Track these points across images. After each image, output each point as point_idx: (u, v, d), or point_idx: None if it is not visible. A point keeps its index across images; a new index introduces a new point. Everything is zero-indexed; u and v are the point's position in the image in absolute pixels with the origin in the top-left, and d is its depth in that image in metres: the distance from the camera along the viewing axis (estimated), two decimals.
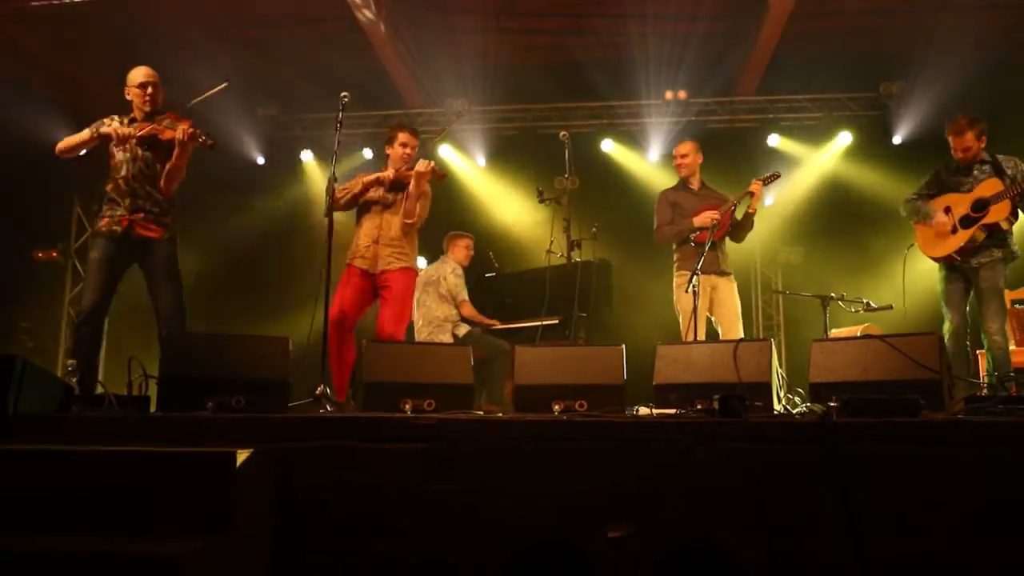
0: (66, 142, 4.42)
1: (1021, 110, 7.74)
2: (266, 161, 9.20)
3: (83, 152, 4.46)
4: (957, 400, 3.20)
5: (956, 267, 4.73)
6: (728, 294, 5.08)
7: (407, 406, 3.40)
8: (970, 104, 7.26)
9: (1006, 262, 4.61)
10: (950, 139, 4.79)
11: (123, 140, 4.36)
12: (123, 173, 4.37)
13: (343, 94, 4.36)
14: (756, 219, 5.26)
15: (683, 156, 5.46)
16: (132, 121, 4.46)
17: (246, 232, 8.56)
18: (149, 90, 4.43)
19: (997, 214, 4.52)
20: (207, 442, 2.71)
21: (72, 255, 8.42)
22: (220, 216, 8.27)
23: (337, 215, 4.47)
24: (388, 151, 5.02)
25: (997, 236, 4.59)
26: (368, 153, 8.93)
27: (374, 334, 4.80)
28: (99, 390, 3.57)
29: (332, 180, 4.21)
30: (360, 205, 4.91)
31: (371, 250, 4.77)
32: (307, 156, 9.15)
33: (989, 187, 4.60)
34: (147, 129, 4.36)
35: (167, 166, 4.40)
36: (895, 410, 2.63)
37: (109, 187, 4.41)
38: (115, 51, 8.27)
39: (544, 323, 5.83)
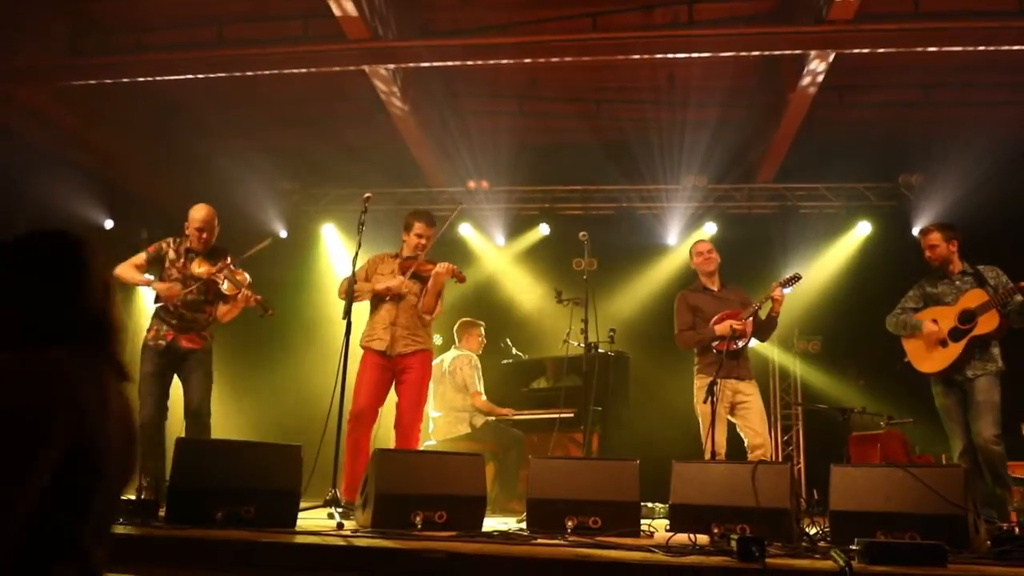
0: (131, 278, 4.75)
1: None
2: (288, 234, 9.31)
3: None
4: (983, 538, 3.10)
5: (951, 381, 4.65)
6: (751, 398, 4.96)
7: (418, 519, 3.36)
8: (987, 199, 7.32)
9: (999, 376, 4.53)
10: (920, 241, 4.90)
11: (188, 286, 4.73)
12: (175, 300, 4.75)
13: (366, 195, 4.42)
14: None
15: (709, 252, 5.33)
16: (188, 251, 4.82)
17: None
18: (204, 235, 4.79)
19: (986, 325, 4.49)
20: (211, 564, 2.68)
21: None
22: None
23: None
24: (404, 236, 5.02)
25: (988, 348, 4.55)
26: None
27: (394, 421, 4.78)
28: None
29: (352, 282, 4.23)
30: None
31: (388, 332, 4.76)
32: (329, 230, 9.26)
33: (974, 298, 4.58)
34: (208, 278, 4.72)
35: (224, 315, 4.89)
36: (921, 557, 2.54)
37: (159, 305, 4.77)
38: (148, 127, 8.55)
39: (560, 415, 5.78)
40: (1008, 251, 5.43)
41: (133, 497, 3.49)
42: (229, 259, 4.80)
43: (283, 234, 9.29)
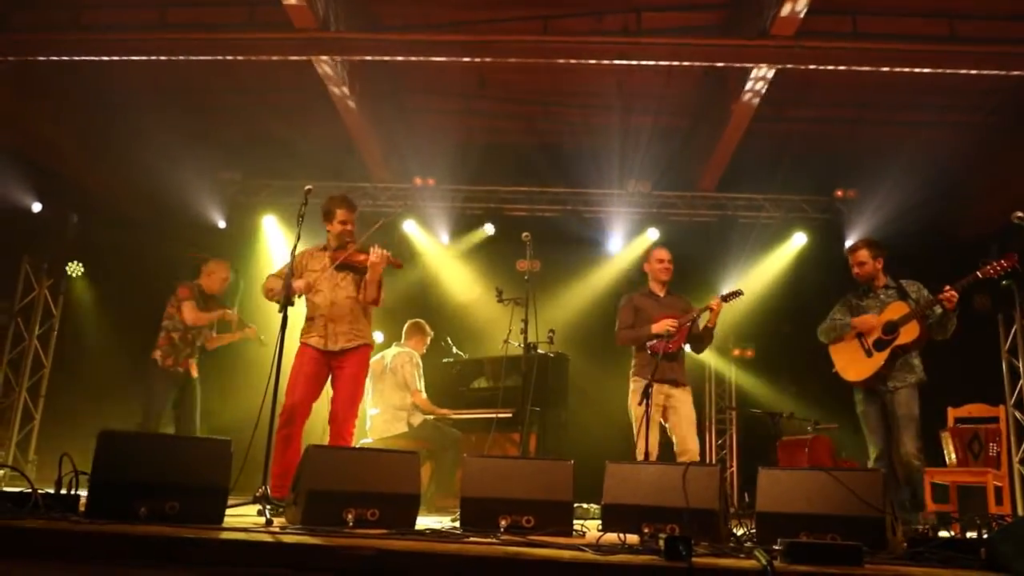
0: (201, 319, 5.87)
1: (966, 224, 8.08)
2: (227, 225, 9.11)
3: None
4: (899, 540, 3.21)
5: (872, 390, 4.83)
6: (682, 404, 5.06)
7: (350, 516, 3.31)
8: (915, 215, 7.62)
9: (918, 387, 4.72)
10: (848, 258, 5.05)
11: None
12: (192, 331, 5.83)
13: (307, 187, 4.34)
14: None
15: (669, 261, 5.41)
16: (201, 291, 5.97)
17: None
18: (226, 285, 6.13)
19: (907, 335, 4.67)
20: (135, 561, 2.60)
21: (15, 315, 8.11)
22: (177, 276, 8.10)
23: None
24: (327, 227, 4.87)
25: (909, 359, 4.73)
26: None
27: (329, 415, 4.70)
28: (27, 488, 3.40)
29: (289, 276, 4.16)
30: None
31: (327, 328, 4.69)
32: (269, 222, 9.08)
33: (896, 310, 4.77)
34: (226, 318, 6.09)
35: (213, 343, 6.09)
36: (839, 557, 2.62)
37: (176, 335, 5.78)
38: (83, 108, 8.25)
39: (498, 415, 5.78)
40: (932, 265, 5.65)
41: (52, 491, 3.35)
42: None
43: (222, 224, 9.09)
